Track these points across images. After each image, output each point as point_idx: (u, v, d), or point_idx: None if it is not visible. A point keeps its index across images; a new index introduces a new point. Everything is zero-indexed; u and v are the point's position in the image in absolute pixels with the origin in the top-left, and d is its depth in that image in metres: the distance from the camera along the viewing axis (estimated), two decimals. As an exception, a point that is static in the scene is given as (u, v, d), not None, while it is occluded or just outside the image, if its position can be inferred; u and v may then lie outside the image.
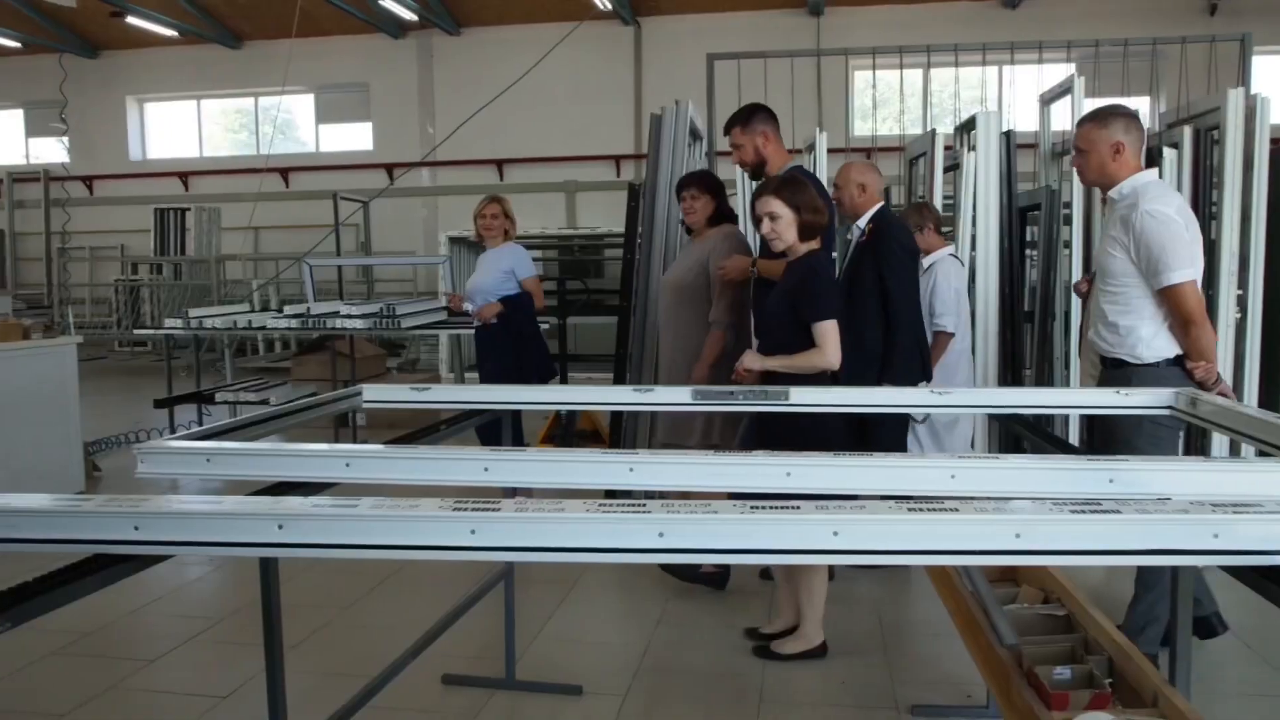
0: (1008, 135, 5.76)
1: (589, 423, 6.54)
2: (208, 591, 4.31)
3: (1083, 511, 1.30)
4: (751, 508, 1.32)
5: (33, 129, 16.34)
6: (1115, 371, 3.14)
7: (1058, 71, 6.87)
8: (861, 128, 13.01)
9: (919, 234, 4.52)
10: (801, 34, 13.11)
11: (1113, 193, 3.12)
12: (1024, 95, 8.40)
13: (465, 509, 1.38)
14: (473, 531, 1.37)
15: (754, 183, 4.04)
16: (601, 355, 7.82)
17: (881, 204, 4.05)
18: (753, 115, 4.00)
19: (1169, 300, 2.98)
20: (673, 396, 2.68)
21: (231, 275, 14.46)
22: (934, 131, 5.64)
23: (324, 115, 15.50)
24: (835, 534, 1.29)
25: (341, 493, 1.79)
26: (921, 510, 1.32)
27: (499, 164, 14.37)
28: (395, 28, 14.31)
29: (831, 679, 3.31)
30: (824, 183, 4.61)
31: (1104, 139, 3.08)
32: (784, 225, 3.21)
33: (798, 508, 1.33)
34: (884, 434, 3.90)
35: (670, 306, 4.22)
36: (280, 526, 1.46)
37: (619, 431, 5.19)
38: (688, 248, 4.29)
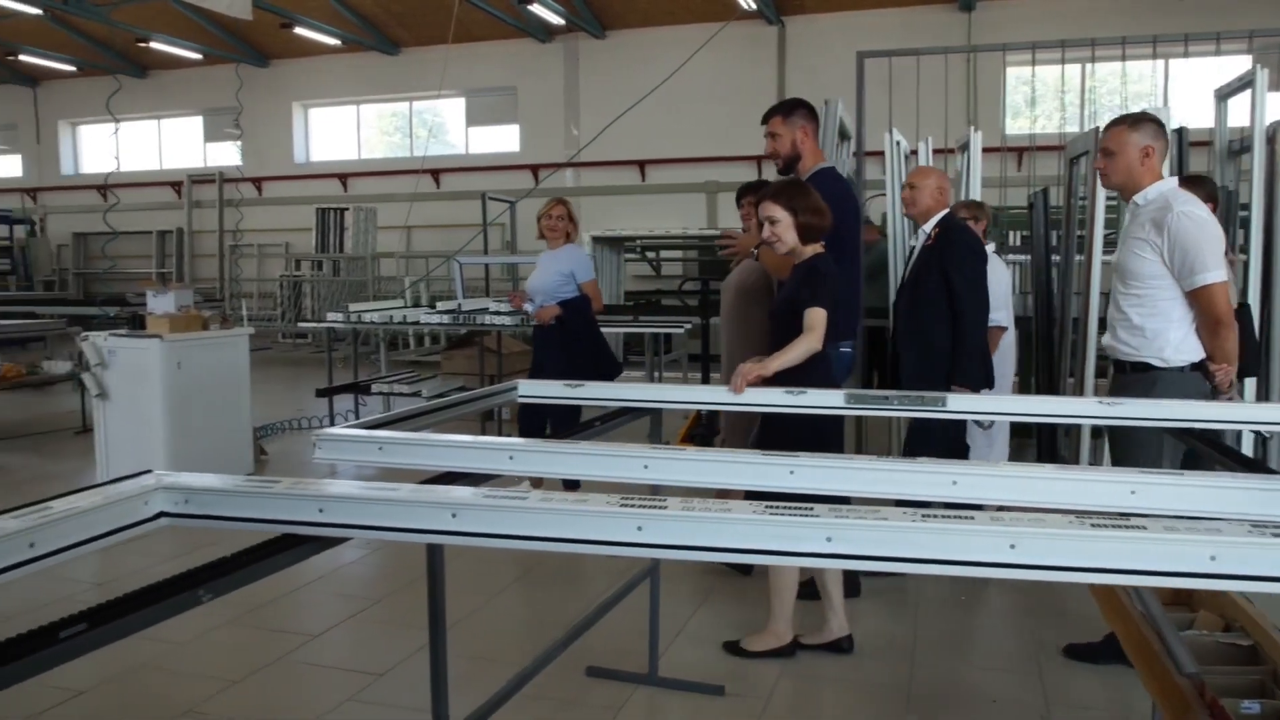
0: (1179, 133, 5.43)
1: (728, 423, 6.52)
2: (365, 573, 4.53)
3: (1287, 535, 1.22)
4: (923, 515, 1.29)
5: (210, 134, 17.54)
6: (1136, 376, 3.14)
7: (1236, 64, 6.44)
8: (1012, 126, 12.53)
9: (971, 224, 4.63)
10: (952, 30, 12.72)
11: (1137, 197, 3.14)
12: (1197, 89, 7.91)
13: (632, 505, 1.40)
14: (639, 528, 1.39)
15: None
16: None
17: (948, 210, 4.19)
18: (794, 109, 4.06)
19: (1201, 300, 3.01)
20: (824, 400, 2.65)
21: (385, 272, 15.12)
22: (1096, 129, 5.34)
23: (473, 118, 16.02)
24: (1012, 547, 1.25)
25: (497, 484, 1.85)
26: (1105, 526, 1.26)
27: (641, 165, 14.52)
28: (543, 32, 14.66)
29: (982, 696, 3.21)
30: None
31: (1134, 142, 3.11)
32: (783, 228, 3.26)
33: (972, 518, 1.29)
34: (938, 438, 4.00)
35: (731, 308, 4.35)
36: (454, 515, 1.52)
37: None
38: None
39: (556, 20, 13.77)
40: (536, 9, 13.11)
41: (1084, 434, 5.24)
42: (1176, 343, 3.07)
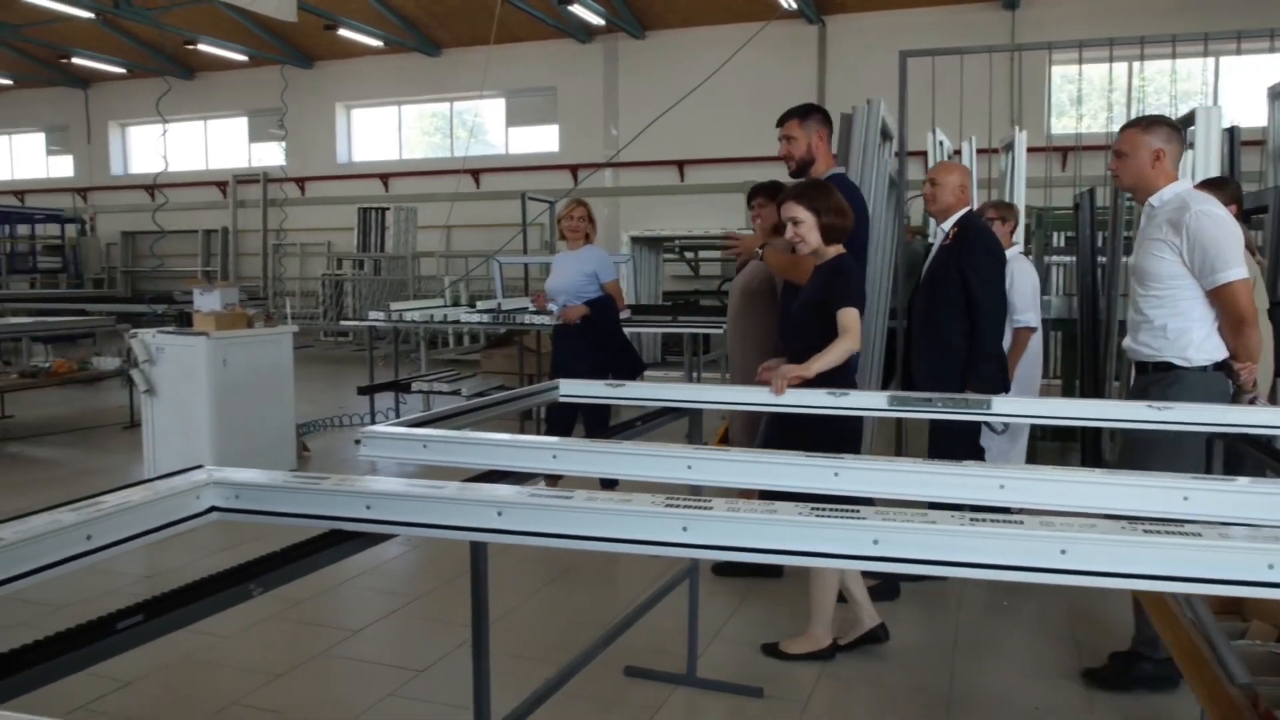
0: (1231, 131, 5.33)
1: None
2: (406, 569, 4.57)
3: (1347, 544, 1.19)
4: (971, 520, 1.28)
5: (255, 135, 17.83)
6: (1159, 375, 3.14)
7: (1291, 61, 6.28)
8: (1057, 125, 12.35)
9: (999, 224, 4.62)
10: (995, 28, 12.57)
11: (1153, 199, 3.15)
12: (1250, 87, 7.75)
13: (677, 505, 1.40)
14: (684, 529, 1.39)
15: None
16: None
17: (969, 208, 4.10)
18: (811, 113, 4.07)
19: (1223, 298, 3.01)
20: (867, 401, 2.64)
21: (425, 271, 15.24)
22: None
23: (513, 118, 16.11)
24: (1063, 552, 1.24)
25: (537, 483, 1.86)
26: (1158, 533, 1.24)
27: (679, 165, 14.51)
28: (583, 33, 14.70)
29: (1023, 703, 3.17)
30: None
31: (1146, 145, 3.11)
32: (806, 229, 3.27)
33: (1021, 521, 1.28)
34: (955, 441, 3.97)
35: (739, 310, 4.38)
36: (500, 513, 1.53)
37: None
38: None
39: (596, 21, 13.81)
40: (577, 10, 13.15)
41: (1130, 438, 5.15)
42: (1199, 342, 3.08)
